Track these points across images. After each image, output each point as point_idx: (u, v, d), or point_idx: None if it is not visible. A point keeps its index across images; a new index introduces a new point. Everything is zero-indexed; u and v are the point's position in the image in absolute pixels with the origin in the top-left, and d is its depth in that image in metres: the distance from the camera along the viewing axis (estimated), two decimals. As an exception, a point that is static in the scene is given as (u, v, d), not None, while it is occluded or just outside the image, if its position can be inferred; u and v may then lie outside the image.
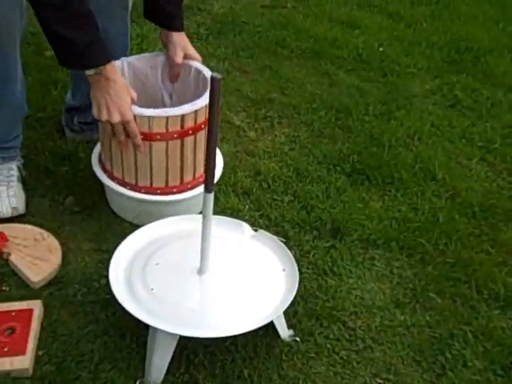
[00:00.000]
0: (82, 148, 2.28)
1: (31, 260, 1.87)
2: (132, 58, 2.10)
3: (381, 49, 3.19)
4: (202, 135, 1.93)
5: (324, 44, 3.14)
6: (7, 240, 1.91)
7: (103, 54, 1.79)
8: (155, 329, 1.57)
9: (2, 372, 1.58)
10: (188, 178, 1.99)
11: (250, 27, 3.24)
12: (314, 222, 2.08)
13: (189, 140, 1.92)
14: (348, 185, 2.25)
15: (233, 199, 2.13)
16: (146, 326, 1.61)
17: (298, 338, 1.73)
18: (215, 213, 1.69)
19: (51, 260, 1.88)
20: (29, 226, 1.98)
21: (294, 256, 1.80)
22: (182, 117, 1.87)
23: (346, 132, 2.53)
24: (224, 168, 2.24)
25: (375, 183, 2.27)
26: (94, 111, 1.85)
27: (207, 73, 2.02)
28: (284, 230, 2.04)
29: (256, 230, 1.87)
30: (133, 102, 1.85)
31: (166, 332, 1.56)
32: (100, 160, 2.07)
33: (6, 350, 1.62)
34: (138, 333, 1.69)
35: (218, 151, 2.12)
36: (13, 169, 2.10)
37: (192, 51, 2.10)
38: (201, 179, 2.01)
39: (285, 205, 2.14)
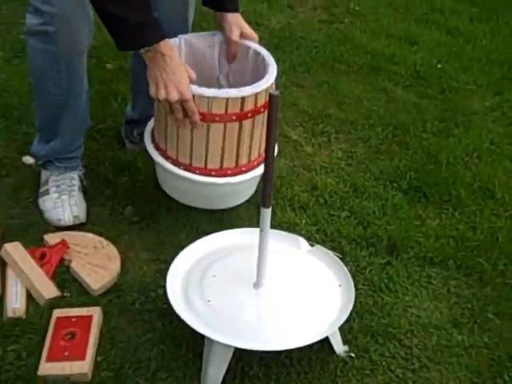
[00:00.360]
0: (141, 159, 2.31)
1: (91, 267, 1.91)
2: (189, 36, 2.08)
3: (439, 65, 3.17)
4: (260, 118, 1.91)
5: (381, 60, 3.14)
6: (68, 247, 1.95)
7: (156, 33, 1.75)
8: (211, 340, 1.59)
9: (61, 376, 1.62)
10: (243, 161, 1.97)
11: (308, 42, 3.25)
12: (371, 238, 2.08)
13: (247, 123, 1.89)
14: (405, 202, 2.24)
15: (289, 213, 2.14)
16: (202, 337, 1.62)
17: (353, 354, 1.73)
18: (272, 227, 1.70)
19: (110, 268, 1.92)
20: (89, 235, 2.02)
21: (350, 272, 1.80)
22: (243, 99, 1.84)
23: (403, 148, 2.52)
24: (281, 182, 2.26)
25: (432, 201, 2.25)
26: (152, 90, 1.81)
27: (267, 55, 1.99)
28: (340, 245, 2.04)
29: (312, 245, 1.88)
30: (191, 80, 1.82)
31: (221, 344, 1.58)
32: (153, 139, 2.06)
33: (66, 354, 1.66)
34: (194, 343, 1.71)
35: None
36: (74, 178, 2.15)
37: (248, 30, 2.07)
38: (256, 163, 2.00)
39: (341, 220, 2.15)
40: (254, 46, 2.04)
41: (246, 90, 1.84)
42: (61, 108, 2.02)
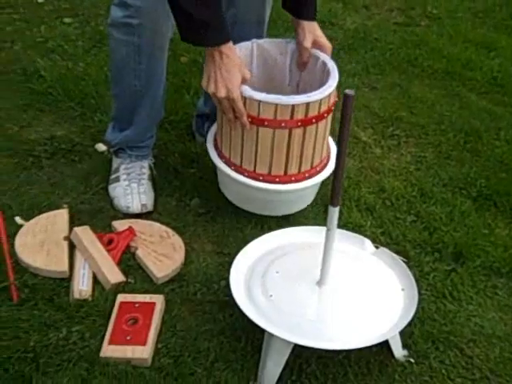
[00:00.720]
0: (210, 152, 2.34)
1: (156, 256, 1.94)
2: (262, 41, 2.09)
3: (516, 73, 3.11)
4: (312, 129, 1.90)
5: (457, 65, 3.09)
6: (135, 235, 1.99)
7: (219, 35, 1.77)
8: (271, 335, 1.60)
9: (123, 359, 1.65)
10: (292, 170, 1.97)
11: (382, 44, 3.23)
12: (436, 243, 2.05)
13: (297, 132, 1.89)
14: (473, 209, 2.20)
15: (355, 214, 2.13)
16: (262, 331, 1.63)
17: (412, 360, 1.71)
18: (337, 227, 1.70)
19: (175, 258, 1.94)
20: (156, 224, 2.06)
21: (414, 276, 1.78)
22: (293, 107, 1.84)
23: (474, 156, 2.48)
24: (348, 183, 2.25)
25: (502, 210, 2.21)
26: (203, 82, 1.85)
27: (332, 67, 1.97)
28: (405, 249, 2.02)
29: (377, 247, 1.87)
30: (244, 81, 1.84)
31: (281, 339, 1.58)
32: (215, 138, 2.10)
33: (128, 338, 1.69)
34: (254, 336, 1.72)
35: (332, 142, 2.13)
36: (144, 167, 2.19)
37: (323, 39, 2.05)
38: (307, 174, 1.99)
39: (407, 224, 2.12)
40: (323, 56, 2.02)
41: (297, 99, 1.84)
42: (138, 99, 2.06)
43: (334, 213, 1.64)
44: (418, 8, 3.65)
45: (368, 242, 1.87)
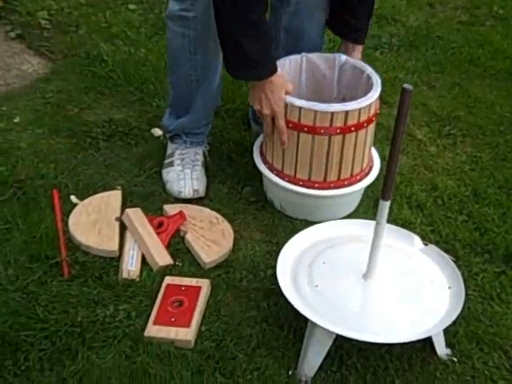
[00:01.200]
0: (264, 142, 2.35)
1: (205, 241, 1.96)
2: (312, 55, 2.13)
3: None
4: (351, 137, 1.94)
5: (520, 67, 3.03)
6: (185, 219, 2.02)
7: (269, 69, 1.87)
8: (314, 324, 1.60)
9: (166, 340, 1.68)
10: (332, 177, 2.00)
11: (444, 42, 3.18)
12: (487, 245, 2.02)
13: (336, 139, 1.93)
14: (527, 213, 2.17)
15: (406, 211, 2.12)
16: (305, 320, 1.64)
17: (455, 359, 1.69)
18: (387, 222, 1.69)
19: (223, 244, 1.96)
20: (207, 210, 2.08)
21: (462, 276, 1.77)
22: (332, 114, 1.88)
23: (532, 159, 2.43)
24: (400, 179, 2.23)
25: (557, 215, 2.17)
26: (250, 99, 1.95)
27: (376, 81, 2.01)
28: (454, 248, 2.00)
29: (426, 245, 1.86)
30: (287, 93, 1.92)
31: (324, 329, 1.59)
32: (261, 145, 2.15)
33: (173, 320, 1.72)
34: (296, 325, 1.73)
35: (376, 154, 2.15)
36: (199, 153, 2.21)
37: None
38: (346, 182, 2.02)
39: (458, 223, 2.10)
40: (369, 70, 2.07)
41: (336, 107, 1.90)
42: (194, 88, 2.10)
43: (385, 207, 1.63)
44: (483, 7, 3.59)
45: (417, 239, 1.86)
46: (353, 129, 1.93)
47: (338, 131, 1.92)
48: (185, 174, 2.14)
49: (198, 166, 2.18)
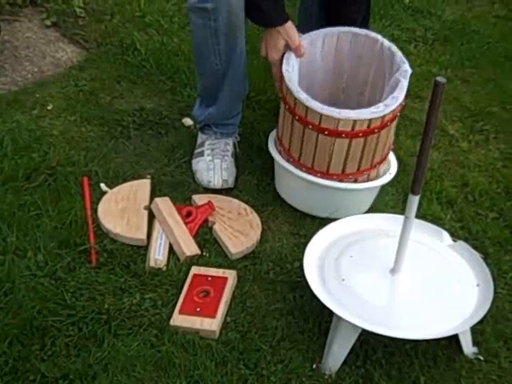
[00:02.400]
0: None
1: (232, 232, 1.96)
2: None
3: None
4: (373, 138, 1.91)
5: (557, 63, 2.98)
6: (214, 209, 2.02)
7: (282, 16, 1.94)
8: (340, 318, 1.60)
9: (191, 329, 1.69)
10: (351, 169, 1.97)
11: (480, 37, 3.14)
12: (517, 243, 2.01)
13: (357, 141, 1.90)
14: (560, 212, 2.13)
15: (435, 206, 2.10)
16: (331, 314, 1.64)
17: (481, 357, 1.68)
18: (416, 217, 1.68)
19: (250, 235, 1.96)
20: (235, 200, 2.08)
21: (491, 274, 1.75)
22: (354, 121, 1.85)
23: None
24: (431, 175, 2.21)
25: None
26: (261, 47, 2.02)
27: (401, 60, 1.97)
28: (484, 245, 1.98)
29: (455, 241, 1.84)
30: (300, 56, 1.99)
31: (349, 323, 1.58)
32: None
33: (198, 310, 1.73)
34: (322, 319, 1.73)
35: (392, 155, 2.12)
36: (229, 144, 2.21)
37: None
38: (365, 172, 1.99)
39: (488, 221, 2.08)
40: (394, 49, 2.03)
41: (360, 114, 1.86)
42: (220, 78, 2.09)
43: (414, 201, 1.62)
44: (521, 1, 3.53)
45: (446, 235, 1.85)
46: (376, 130, 1.89)
47: (361, 134, 1.89)
48: (214, 164, 2.14)
49: (228, 157, 2.18)
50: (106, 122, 2.38)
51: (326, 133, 1.88)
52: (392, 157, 2.12)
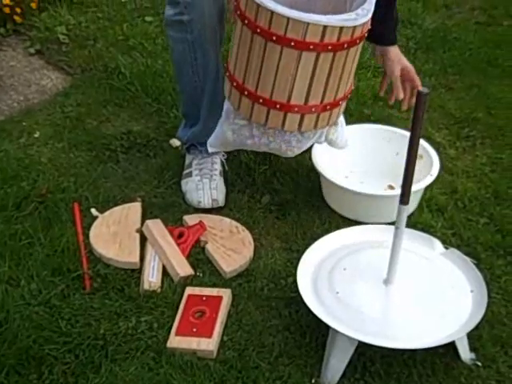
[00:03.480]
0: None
1: (225, 251, 1.97)
2: None
3: None
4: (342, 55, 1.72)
5: (539, 66, 3.01)
6: (205, 229, 2.02)
7: None
8: (336, 332, 1.60)
9: (188, 350, 1.69)
10: (314, 100, 1.76)
11: (461, 44, 3.16)
12: (509, 247, 2.00)
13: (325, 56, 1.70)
14: (550, 213, 2.14)
15: (426, 215, 2.11)
16: (327, 328, 1.64)
17: (479, 363, 1.68)
18: (407, 227, 1.70)
19: (243, 253, 1.96)
20: (226, 219, 2.08)
21: (484, 279, 1.76)
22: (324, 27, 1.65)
23: (553, 159, 2.41)
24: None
25: None
26: None
27: None
28: (476, 251, 1.98)
29: (447, 248, 1.85)
30: None
31: (346, 336, 1.58)
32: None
33: (194, 330, 1.73)
34: (319, 333, 1.73)
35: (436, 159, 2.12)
36: (216, 163, 2.22)
37: (412, 73, 2.15)
38: (328, 107, 1.79)
39: (479, 226, 2.09)
40: None
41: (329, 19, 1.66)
42: (199, 94, 2.11)
43: (404, 211, 1.63)
44: (500, 7, 3.55)
45: (437, 243, 1.86)
46: (345, 46, 1.70)
47: (330, 48, 1.69)
48: (203, 184, 2.14)
49: (217, 176, 2.19)
50: (94, 146, 2.38)
51: (292, 44, 1.67)
52: (435, 157, 2.14)
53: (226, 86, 1.89)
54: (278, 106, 1.77)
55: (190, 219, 2.07)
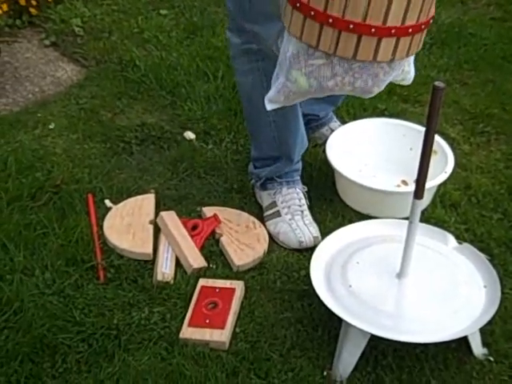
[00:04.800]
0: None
1: (238, 245, 1.97)
2: None
3: None
4: None
5: (555, 62, 2.99)
6: (220, 222, 2.02)
7: None
8: (348, 325, 1.60)
9: (201, 341, 1.70)
10: (411, 19, 1.47)
11: (477, 39, 3.15)
12: (523, 243, 2.01)
13: None
14: None
15: (439, 210, 2.10)
16: (339, 320, 1.64)
17: (491, 358, 1.68)
18: (420, 222, 1.69)
19: (256, 248, 1.97)
20: (244, 214, 2.08)
21: (497, 275, 1.75)
22: None
23: None
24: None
25: None
26: None
27: None
28: (489, 247, 1.98)
29: (460, 243, 1.84)
30: None
31: (358, 329, 1.59)
32: None
33: (207, 321, 1.73)
34: (331, 325, 1.73)
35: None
36: (302, 198, 2.11)
37: None
38: (410, 30, 1.50)
39: (493, 222, 2.08)
40: None
41: None
42: (276, 131, 2.00)
43: (417, 206, 1.63)
44: (517, 3, 3.55)
45: (451, 238, 1.85)
46: None
47: None
48: (296, 221, 2.02)
49: (306, 211, 2.06)
50: (108, 138, 2.39)
51: None
52: (449, 153, 2.13)
53: (292, 21, 1.53)
54: (372, 31, 1.47)
55: (209, 211, 2.07)
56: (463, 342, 1.66)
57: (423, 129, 1.58)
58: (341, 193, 2.15)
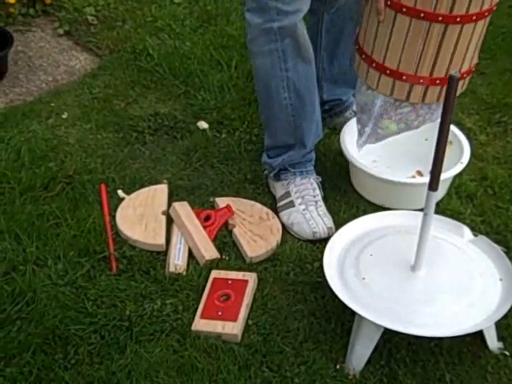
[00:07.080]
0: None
1: (251, 236, 1.95)
2: None
3: None
4: (456, 29, 1.69)
5: None
6: (233, 213, 2.01)
7: None
8: (362, 318, 1.59)
9: (213, 333, 1.69)
10: (423, 72, 1.74)
11: (494, 28, 3.09)
12: (540, 235, 1.98)
13: (436, 27, 1.67)
14: None
15: (455, 201, 2.08)
16: (353, 313, 1.63)
17: (507, 352, 1.66)
18: (435, 213, 1.67)
19: (269, 240, 1.95)
20: (258, 205, 2.07)
21: (514, 267, 1.73)
22: None
23: None
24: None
25: None
26: None
27: None
28: (506, 239, 1.96)
29: (476, 235, 1.82)
30: None
31: (372, 322, 1.57)
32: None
33: (219, 313, 1.73)
34: (344, 318, 1.72)
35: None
36: (316, 188, 2.08)
37: None
38: (438, 81, 1.76)
39: (509, 214, 2.06)
40: None
41: None
42: (292, 115, 1.98)
43: (432, 197, 1.61)
44: (535, -10, 3.50)
45: (466, 230, 1.83)
46: (474, 18, 1.69)
47: (441, 19, 1.65)
48: (310, 211, 1.99)
49: (320, 201, 2.03)
50: (121, 128, 2.38)
51: (422, 15, 1.65)
52: (465, 144, 2.11)
53: (380, 82, 1.79)
54: (404, 78, 1.76)
55: (221, 201, 2.06)
56: (478, 335, 1.64)
57: (438, 119, 1.56)
58: (355, 184, 2.13)
